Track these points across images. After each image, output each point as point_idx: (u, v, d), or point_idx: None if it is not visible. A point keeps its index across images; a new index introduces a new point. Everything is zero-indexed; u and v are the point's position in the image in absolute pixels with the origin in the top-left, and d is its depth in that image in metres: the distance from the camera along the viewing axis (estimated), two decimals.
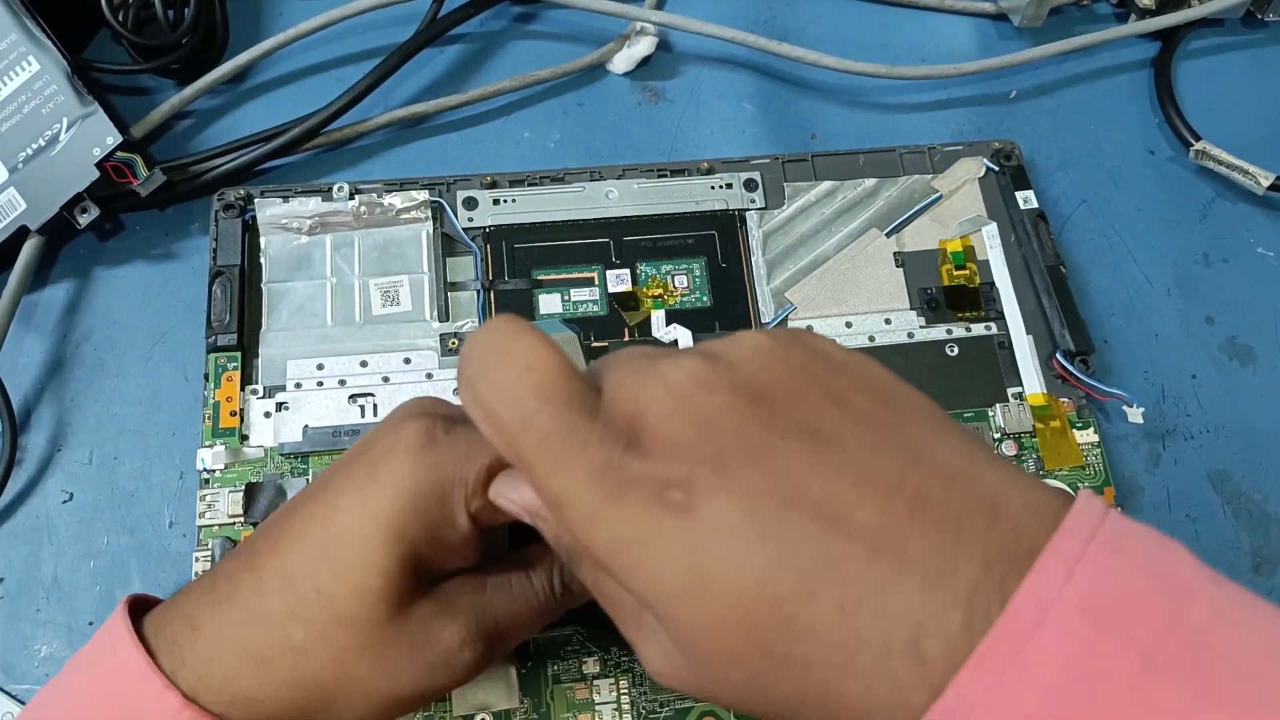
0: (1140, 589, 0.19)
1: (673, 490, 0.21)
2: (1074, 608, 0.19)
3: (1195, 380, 0.46)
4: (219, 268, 0.42)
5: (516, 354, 0.23)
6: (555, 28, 0.53)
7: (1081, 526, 0.20)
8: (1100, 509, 0.20)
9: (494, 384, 0.23)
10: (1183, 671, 0.18)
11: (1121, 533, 0.20)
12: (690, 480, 0.21)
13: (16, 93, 0.42)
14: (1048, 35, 0.53)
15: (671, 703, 0.37)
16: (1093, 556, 0.19)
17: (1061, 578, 0.19)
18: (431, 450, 0.27)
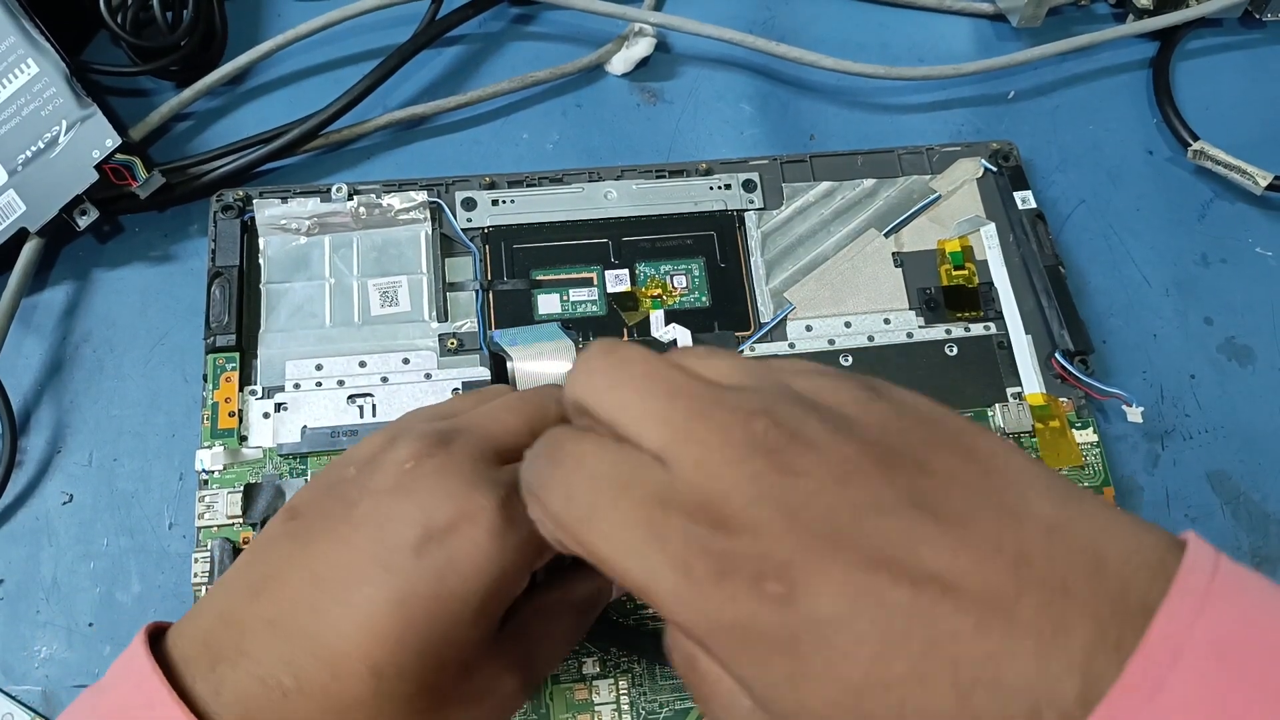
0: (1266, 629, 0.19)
1: (769, 581, 0.20)
2: (1206, 652, 0.18)
3: (1194, 380, 0.46)
4: (217, 269, 0.42)
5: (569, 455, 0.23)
6: (554, 29, 0.53)
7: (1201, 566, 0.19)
8: (1212, 551, 0.20)
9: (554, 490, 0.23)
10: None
11: (1238, 575, 0.20)
12: (785, 569, 0.20)
13: (15, 95, 0.42)
14: (1046, 36, 0.53)
15: (671, 703, 0.37)
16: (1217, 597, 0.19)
17: (1189, 620, 0.18)
18: (514, 530, 0.27)
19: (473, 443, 0.29)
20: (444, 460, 0.28)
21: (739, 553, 0.20)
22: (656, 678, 0.37)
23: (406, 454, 0.28)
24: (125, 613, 0.38)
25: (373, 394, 0.41)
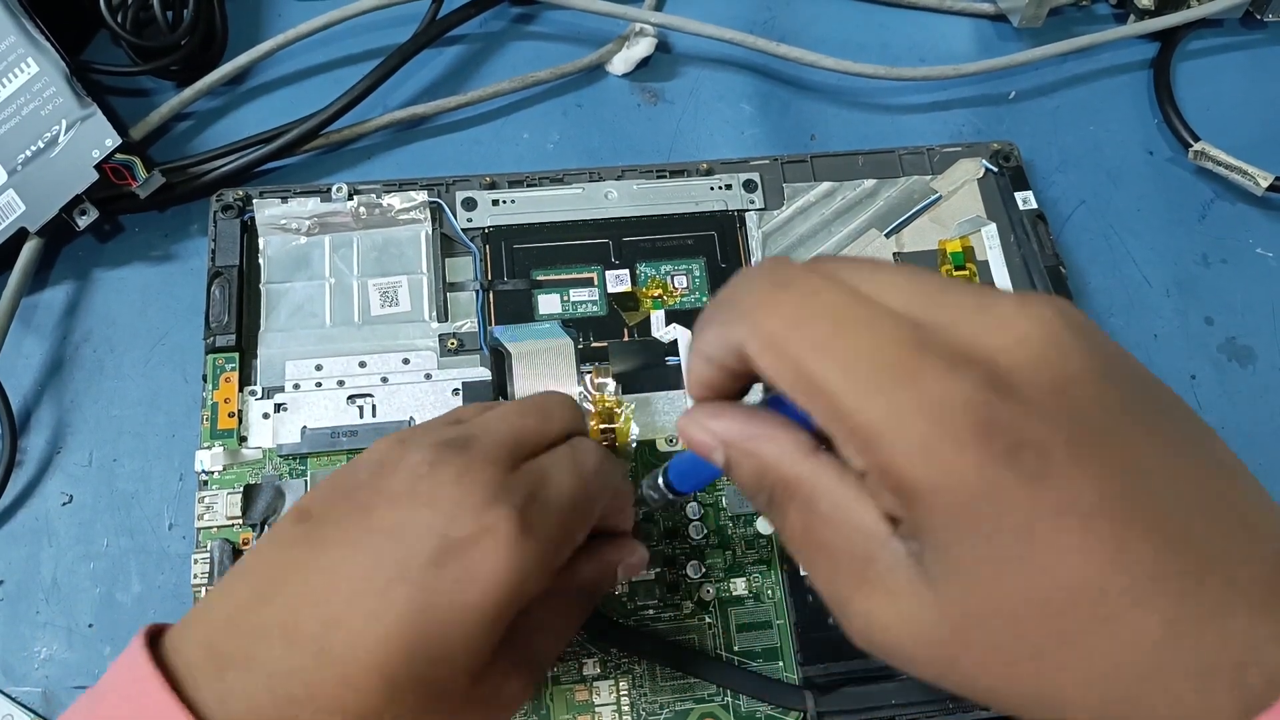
0: None
1: (1027, 450, 0.19)
2: None
3: (1194, 380, 0.46)
4: (217, 268, 0.42)
5: (802, 283, 0.22)
6: (554, 29, 0.53)
7: None
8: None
9: (781, 310, 0.22)
10: None
11: None
12: (1045, 446, 0.19)
13: (16, 94, 0.42)
14: (1047, 36, 0.53)
15: (671, 704, 0.37)
16: None
17: None
18: (529, 542, 0.27)
19: (488, 446, 0.28)
20: (461, 466, 0.27)
21: (1003, 415, 0.19)
22: (657, 678, 0.37)
23: (420, 459, 0.28)
24: (125, 613, 0.38)
25: (373, 394, 0.41)
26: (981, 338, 0.20)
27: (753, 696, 0.37)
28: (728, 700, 0.37)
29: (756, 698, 0.37)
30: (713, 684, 0.37)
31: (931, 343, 0.20)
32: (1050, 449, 0.19)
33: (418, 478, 0.27)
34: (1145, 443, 0.20)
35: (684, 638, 0.38)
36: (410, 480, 0.27)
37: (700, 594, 0.38)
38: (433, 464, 0.27)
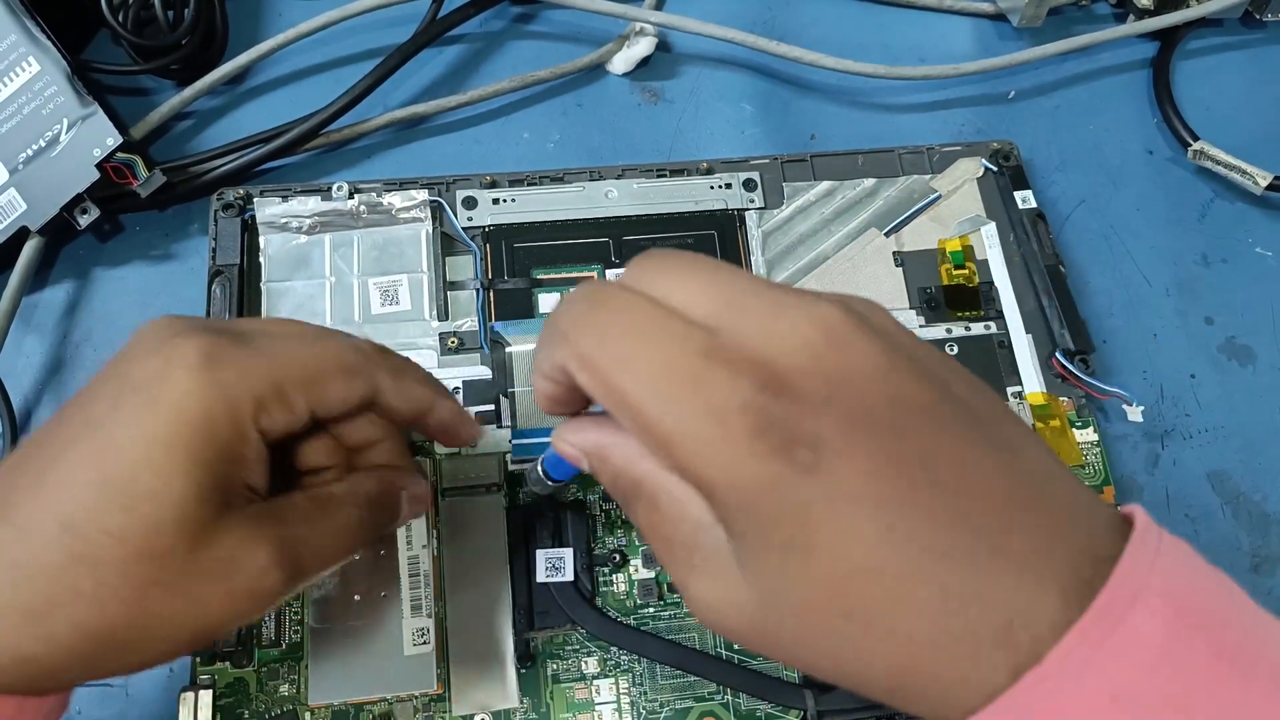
0: (1207, 588, 0.21)
1: (800, 446, 0.21)
2: (1158, 595, 0.20)
3: (1194, 380, 0.46)
4: (218, 267, 0.42)
5: (611, 301, 0.24)
6: (554, 28, 0.53)
7: (1150, 530, 0.22)
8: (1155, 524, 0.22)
9: (587, 330, 0.23)
10: (1252, 657, 0.20)
11: (1176, 541, 0.22)
12: (819, 439, 0.21)
13: (17, 94, 0.42)
14: (1046, 35, 0.53)
15: (672, 703, 0.37)
16: (1165, 555, 0.21)
17: (1146, 569, 0.21)
18: (213, 368, 0.25)
19: (210, 320, 0.28)
20: (161, 327, 0.27)
21: (777, 415, 0.21)
22: (657, 677, 0.37)
23: (134, 334, 0.27)
24: None
25: None
26: (768, 341, 0.22)
27: (753, 695, 0.37)
28: (728, 699, 0.37)
29: (756, 696, 0.37)
30: (713, 682, 0.37)
31: (719, 350, 0.22)
32: (822, 442, 0.21)
33: (127, 345, 0.27)
34: (922, 429, 0.22)
35: (684, 636, 0.38)
36: (122, 349, 0.27)
37: None
38: (144, 328, 0.27)
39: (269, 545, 0.26)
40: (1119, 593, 0.20)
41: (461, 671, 0.36)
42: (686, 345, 0.22)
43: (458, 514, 0.38)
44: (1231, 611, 0.21)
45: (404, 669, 0.36)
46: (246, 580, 0.26)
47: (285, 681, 0.36)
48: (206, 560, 0.25)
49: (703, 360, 0.22)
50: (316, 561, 0.28)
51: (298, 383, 0.27)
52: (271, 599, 0.27)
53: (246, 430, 0.26)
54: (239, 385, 0.26)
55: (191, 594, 0.25)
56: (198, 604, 0.25)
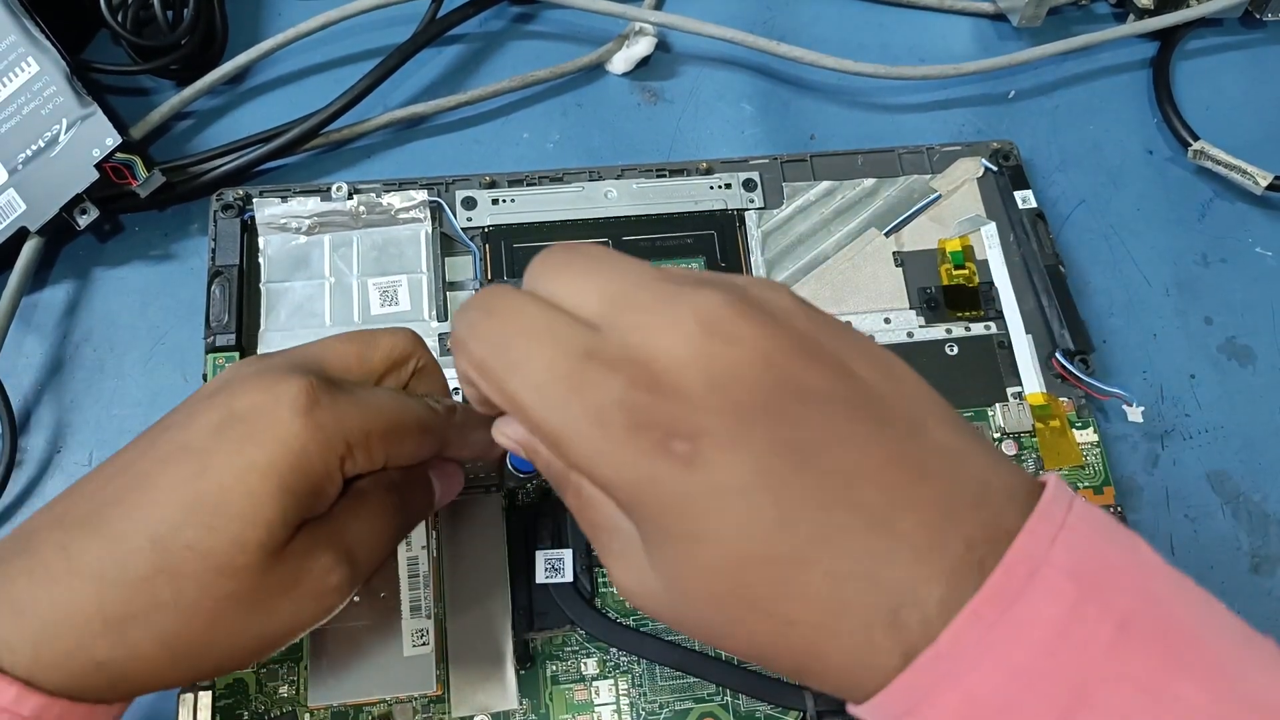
0: (1113, 559, 0.21)
1: (677, 439, 0.21)
2: (1060, 571, 0.20)
3: (1194, 380, 0.46)
4: (217, 268, 0.42)
5: (502, 306, 0.24)
6: (554, 28, 0.53)
7: (1059, 500, 0.21)
8: (1068, 489, 0.22)
9: (484, 337, 0.24)
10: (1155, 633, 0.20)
11: (1090, 511, 0.22)
12: (696, 432, 0.21)
13: (16, 94, 0.42)
14: (1046, 35, 0.53)
15: (671, 704, 0.37)
16: (1072, 528, 0.21)
17: (1047, 544, 0.20)
18: (317, 412, 0.27)
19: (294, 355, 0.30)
20: (260, 366, 0.29)
21: (654, 411, 0.21)
22: (656, 678, 0.37)
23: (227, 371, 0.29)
24: None
25: None
26: (648, 337, 0.22)
27: (752, 696, 0.37)
28: (727, 700, 0.37)
29: (756, 697, 0.37)
30: (712, 683, 0.37)
31: (600, 349, 0.22)
32: (701, 434, 0.21)
33: (223, 380, 0.29)
34: (807, 414, 0.21)
35: (683, 637, 0.38)
36: (217, 383, 0.29)
37: None
38: (238, 366, 0.29)
39: (328, 549, 0.28)
40: (1015, 571, 0.20)
41: (461, 673, 0.36)
42: (569, 347, 0.23)
43: (457, 515, 0.38)
44: (1142, 582, 0.21)
45: (403, 670, 0.36)
46: (312, 584, 0.27)
47: (284, 683, 0.36)
48: (277, 573, 0.27)
49: (583, 361, 0.22)
50: (368, 553, 0.29)
51: (381, 435, 0.28)
52: (337, 599, 0.28)
53: (334, 470, 0.27)
54: (335, 429, 0.27)
55: (261, 604, 0.27)
56: (268, 613, 0.27)
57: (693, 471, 0.21)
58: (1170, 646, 0.20)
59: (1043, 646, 0.19)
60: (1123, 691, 0.19)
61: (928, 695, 0.20)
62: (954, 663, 0.20)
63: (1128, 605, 0.20)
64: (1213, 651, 0.20)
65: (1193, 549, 0.42)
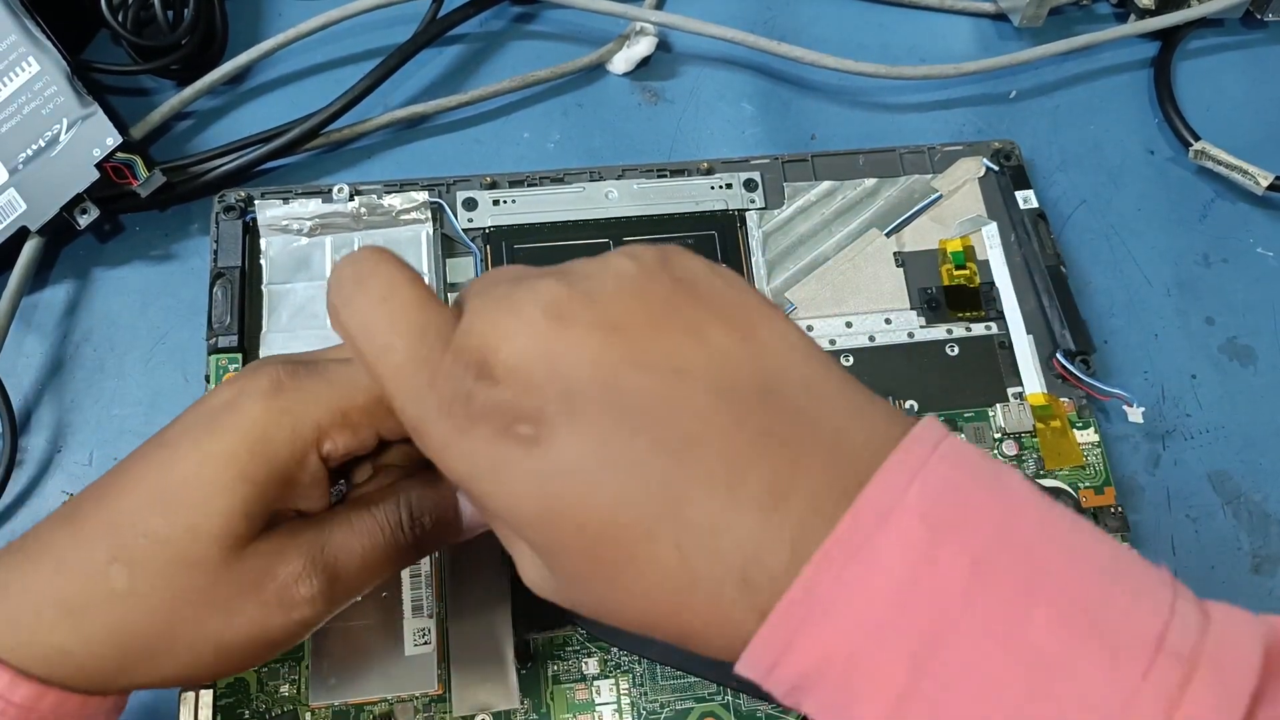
0: (975, 499, 0.20)
1: (521, 424, 0.21)
2: (913, 514, 0.20)
3: (1195, 380, 0.46)
4: (220, 269, 0.42)
5: (374, 284, 0.24)
6: (555, 28, 0.53)
7: (923, 442, 0.21)
8: (940, 431, 0.22)
9: (354, 312, 0.25)
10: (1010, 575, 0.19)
11: (959, 451, 0.21)
12: (537, 413, 0.21)
13: (17, 94, 0.42)
14: (1047, 35, 0.53)
15: (672, 703, 0.37)
16: (932, 469, 0.20)
17: (902, 487, 0.20)
18: (280, 395, 0.27)
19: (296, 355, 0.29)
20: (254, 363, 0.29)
21: (496, 399, 0.22)
22: (657, 678, 0.37)
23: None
24: None
25: None
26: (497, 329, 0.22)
27: (753, 696, 0.37)
28: (728, 699, 0.37)
29: (757, 697, 0.37)
30: (713, 683, 0.37)
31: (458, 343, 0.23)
32: (544, 417, 0.21)
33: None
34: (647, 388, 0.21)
35: None
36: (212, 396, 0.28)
37: None
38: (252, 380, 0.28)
39: (301, 553, 0.27)
40: (863, 517, 0.20)
41: (462, 672, 0.36)
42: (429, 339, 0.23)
43: None
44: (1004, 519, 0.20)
45: (405, 669, 0.36)
46: (276, 590, 0.26)
47: (286, 681, 0.36)
48: (239, 571, 0.26)
49: (439, 354, 0.23)
50: (354, 569, 0.28)
51: (362, 410, 0.27)
52: (307, 611, 0.27)
53: (306, 455, 0.27)
54: (302, 412, 0.27)
55: (218, 600, 0.26)
56: (228, 614, 0.26)
57: (534, 453, 0.21)
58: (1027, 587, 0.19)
59: (890, 594, 0.19)
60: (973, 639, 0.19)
61: (786, 650, 0.20)
62: (804, 616, 0.20)
63: (983, 545, 0.20)
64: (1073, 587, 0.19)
65: (1194, 549, 0.42)
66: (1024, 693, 0.19)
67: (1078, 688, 0.18)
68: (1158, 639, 0.19)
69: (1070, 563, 0.20)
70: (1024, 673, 0.19)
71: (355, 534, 0.28)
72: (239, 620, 0.26)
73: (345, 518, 0.28)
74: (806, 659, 0.20)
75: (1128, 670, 0.18)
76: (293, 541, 0.27)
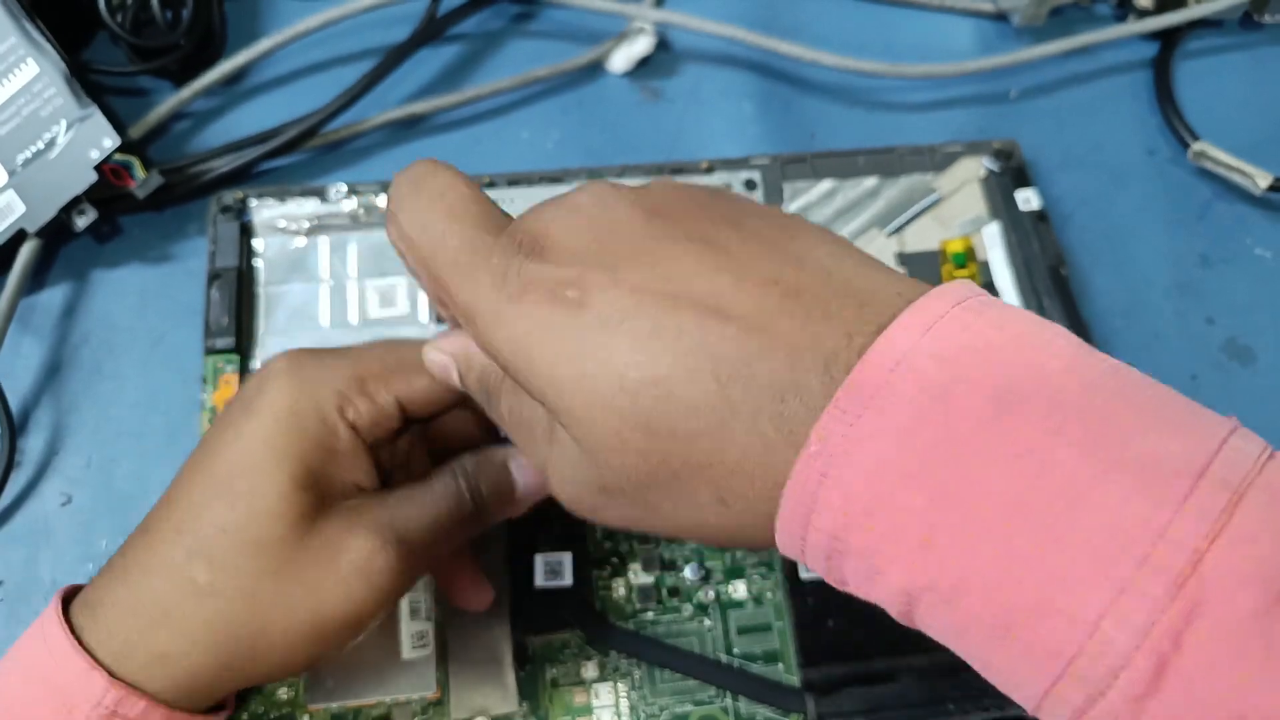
0: (996, 342, 0.20)
1: (568, 289, 0.23)
2: (926, 357, 0.20)
3: (1196, 381, 0.46)
4: (216, 270, 0.42)
5: (431, 185, 0.26)
6: (554, 27, 0.52)
7: (949, 295, 0.21)
8: (973, 288, 0.22)
9: (411, 213, 0.26)
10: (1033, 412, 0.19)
11: (990, 304, 0.21)
12: (583, 279, 0.23)
13: (15, 96, 0.42)
14: (1047, 35, 0.53)
15: (671, 707, 0.37)
16: (954, 317, 0.21)
17: (919, 332, 0.20)
18: (299, 371, 0.29)
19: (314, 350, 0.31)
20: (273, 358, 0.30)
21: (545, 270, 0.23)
22: (656, 681, 0.37)
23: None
24: None
25: None
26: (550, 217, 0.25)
27: (753, 699, 0.37)
28: (728, 703, 0.37)
29: (757, 700, 0.37)
30: (713, 686, 0.37)
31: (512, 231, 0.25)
32: (589, 281, 0.22)
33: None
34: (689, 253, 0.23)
35: (684, 640, 0.38)
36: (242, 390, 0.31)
37: (700, 597, 0.38)
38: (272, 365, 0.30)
39: (369, 525, 0.28)
40: (873, 363, 0.20)
41: (460, 675, 0.36)
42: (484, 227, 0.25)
43: None
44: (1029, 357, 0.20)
45: (402, 672, 0.36)
46: (352, 562, 0.28)
47: (283, 684, 0.36)
48: (312, 547, 0.28)
49: (493, 238, 0.25)
50: (423, 537, 0.29)
51: (378, 376, 0.30)
52: (388, 581, 0.28)
53: (334, 423, 0.29)
54: (320, 382, 0.29)
55: (302, 580, 0.27)
56: (311, 590, 0.27)
57: (581, 312, 0.22)
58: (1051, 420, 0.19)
59: (902, 435, 0.19)
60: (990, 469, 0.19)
61: (812, 506, 0.20)
62: (823, 469, 0.20)
63: (1003, 382, 0.19)
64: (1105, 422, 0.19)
65: None
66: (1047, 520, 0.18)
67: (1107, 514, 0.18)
68: (1201, 468, 0.18)
69: (1105, 399, 0.19)
70: (1046, 500, 0.18)
71: (417, 506, 0.30)
72: (324, 597, 0.27)
73: (407, 493, 0.30)
74: (831, 514, 0.20)
75: (1163, 494, 0.18)
76: (359, 517, 0.29)
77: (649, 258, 0.23)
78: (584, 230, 0.24)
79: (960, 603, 0.19)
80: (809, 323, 0.21)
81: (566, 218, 0.24)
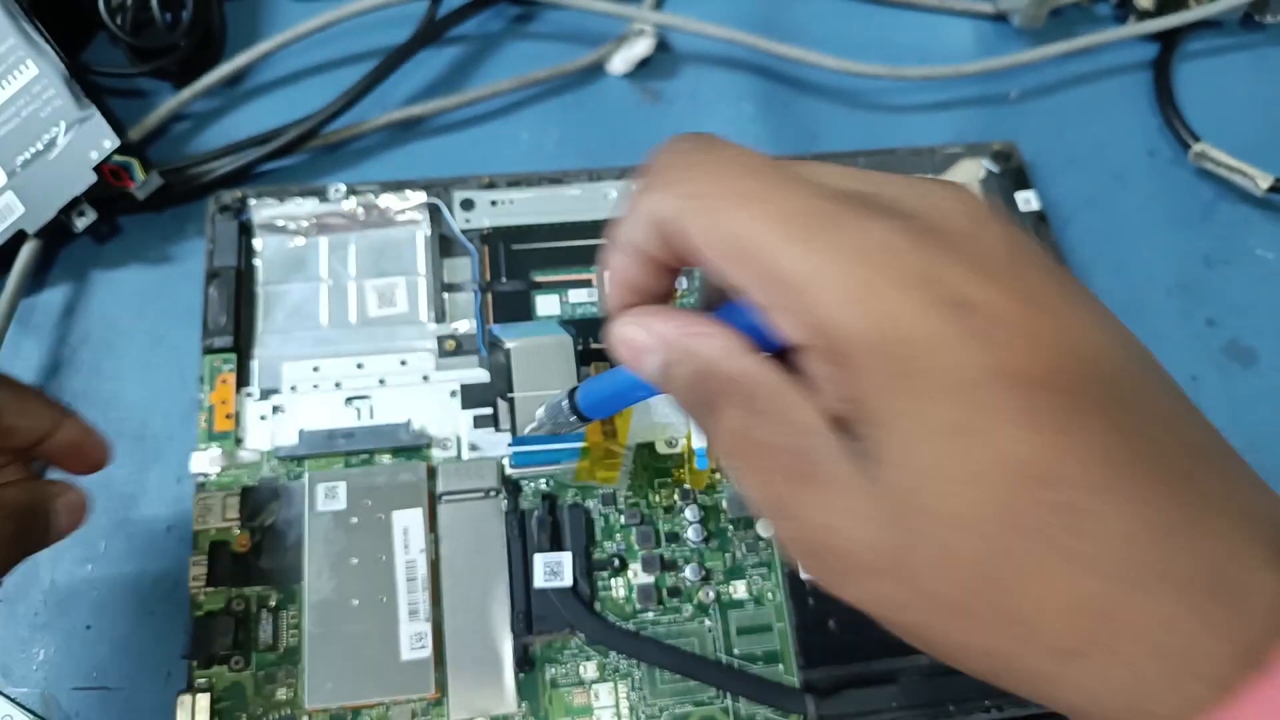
0: None
1: (973, 310, 0.18)
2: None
3: (1196, 382, 0.46)
4: (214, 269, 0.42)
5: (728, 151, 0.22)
6: (553, 28, 0.52)
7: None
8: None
9: (700, 170, 0.22)
10: None
11: None
12: (997, 307, 0.18)
13: (15, 97, 0.42)
14: (1047, 36, 0.53)
15: (671, 708, 0.37)
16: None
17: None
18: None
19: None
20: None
21: (942, 268, 0.18)
22: (656, 682, 0.37)
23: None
24: (123, 616, 0.38)
25: (370, 396, 0.41)
26: (907, 194, 0.20)
27: (753, 700, 0.37)
28: (728, 703, 0.37)
29: (757, 701, 0.37)
30: (713, 687, 0.37)
31: (853, 198, 0.20)
32: (1001, 310, 0.18)
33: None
34: (1095, 330, 0.19)
35: (684, 641, 0.37)
36: None
37: (700, 597, 0.38)
38: None
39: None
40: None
41: (459, 676, 0.36)
42: (821, 189, 0.20)
43: (455, 518, 0.38)
44: None
45: (401, 673, 0.36)
46: None
47: (283, 685, 0.36)
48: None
49: (841, 203, 0.19)
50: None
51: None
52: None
53: None
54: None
55: None
56: None
57: (990, 349, 0.17)
58: None
59: None
60: None
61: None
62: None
63: None
64: None
65: None
66: None
67: None
68: None
69: None
70: None
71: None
72: None
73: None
74: None
75: None
76: None
77: (1069, 324, 0.18)
78: (995, 248, 0.19)
79: None
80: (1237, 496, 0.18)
81: (953, 214, 0.20)
